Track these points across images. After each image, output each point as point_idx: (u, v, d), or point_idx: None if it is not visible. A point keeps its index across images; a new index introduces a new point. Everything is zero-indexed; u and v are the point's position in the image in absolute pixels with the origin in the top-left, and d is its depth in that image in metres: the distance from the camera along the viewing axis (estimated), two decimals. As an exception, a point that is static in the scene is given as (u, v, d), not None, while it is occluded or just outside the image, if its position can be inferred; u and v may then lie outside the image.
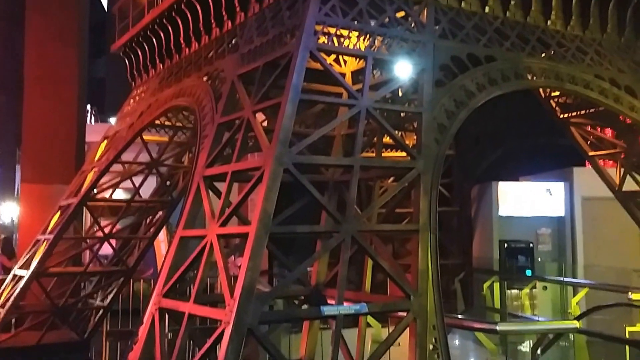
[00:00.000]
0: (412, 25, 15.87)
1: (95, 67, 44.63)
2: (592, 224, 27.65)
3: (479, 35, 16.88)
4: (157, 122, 21.78)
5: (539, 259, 27.67)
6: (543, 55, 17.98)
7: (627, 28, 20.20)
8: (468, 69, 16.14)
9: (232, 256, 24.74)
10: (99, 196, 22.94)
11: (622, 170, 21.95)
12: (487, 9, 17.26)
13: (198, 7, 18.50)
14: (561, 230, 28.19)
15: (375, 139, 19.10)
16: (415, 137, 15.56)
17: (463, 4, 16.89)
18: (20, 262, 21.54)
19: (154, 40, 21.60)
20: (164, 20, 20.43)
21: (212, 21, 18.29)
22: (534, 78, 17.55)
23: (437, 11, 16.46)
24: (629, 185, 21.95)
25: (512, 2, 17.64)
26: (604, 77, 18.68)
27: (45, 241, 20.73)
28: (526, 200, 27.62)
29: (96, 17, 41.30)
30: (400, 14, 16.08)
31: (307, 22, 13.90)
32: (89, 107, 36.18)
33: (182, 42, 20.06)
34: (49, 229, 21.29)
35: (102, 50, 43.26)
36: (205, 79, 17.52)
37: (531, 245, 27.15)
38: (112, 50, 24.64)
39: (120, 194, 26.53)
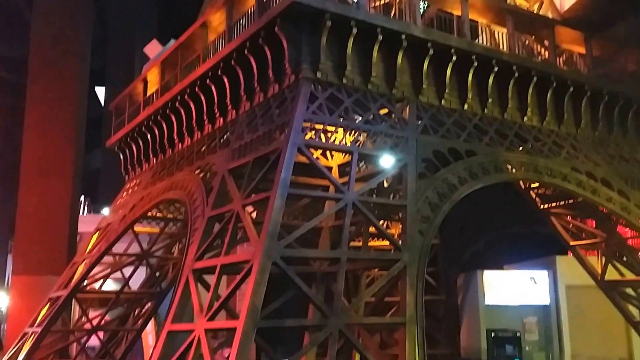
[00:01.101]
0: (396, 121, 16.74)
1: (90, 159, 45.55)
2: (578, 312, 27.77)
3: (459, 131, 17.75)
4: (149, 214, 22.19)
5: (527, 348, 27.60)
6: (521, 149, 18.81)
7: (600, 123, 21.25)
8: (450, 162, 16.88)
9: (221, 349, 24.52)
10: (89, 287, 23.01)
11: (604, 259, 22.41)
12: (466, 106, 18.22)
13: (192, 105, 19.36)
14: (547, 319, 28.25)
15: (362, 229, 19.57)
16: (401, 226, 16.15)
17: (443, 102, 17.86)
18: (7, 356, 21.31)
19: (148, 135, 22.39)
20: (159, 117, 21.28)
21: (205, 118, 19.10)
22: (514, 171, 18.31)
23: (419, 108, 17.40)
24: (611, 274, 22.38)
25: (490, 100, 18.63)
26: (581, 169, 19.48)
27: (33, 334, 20.63)
28: (511, 289, 27.80)
29: (94, 110, 42.51)
30: (384, 111, 17.01)
31: (296, 120, 14.68)
32: (82, 198, 36.72)
33: (175, 137, 20.82)
34: (38, 321, 21.24)
35: (98, 142, 44.30)
36: (197, 172, 18.12)
37: (518, 334, 27.19)
38: (107, 145, 25.40)
39: (110, 284, 26.54)
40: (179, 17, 50.24)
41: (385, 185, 20.75)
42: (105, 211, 29.97)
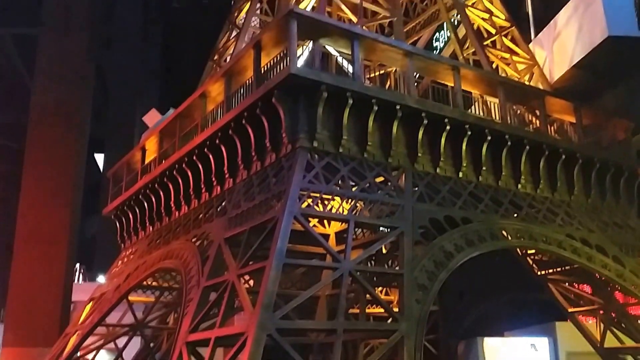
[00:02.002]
0: (392, 189, 16.89)
1: (87, 226, 45.47)
2: (579, 379, 27.32)
3: (455, 199, 17.88)
4: (145, 282, 22.02)
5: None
6: (516, 216, 18.92)
7: (593, 190, 21.47)
8: (446, 230, 16.93)
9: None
10: (82, 359, 22.55)
11: (602, 326, 22.21)
12: (461, 174, 18.44)
13: (189, 173, 19.55)
14: (549, 386, 27.76)
15: (360, 297, 19.43)
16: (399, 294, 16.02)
17: (438, 170, 18.08)
18: None
19: (145, 203, 22.48)
20: (156, 185, 21.44)
21: (202, 186, 19.25)
22: (510, 238, 18.33)
23: (415, 176, 17.59)
24: (611, 340, 22.12)
25: (484, 168, 18.87)
26: (576, 236, 19.55)
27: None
28: (513, 356, 27.40)
29: (92, 177, 42.71)
30: (380, 179, 17.19)
31: (292, 189, 14.80)
32: (78, 265, 36.47)
33: (172, 205, 20.92)
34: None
35: (96, 208, 44.31)
36: (193, 240, 18.11)
37: (522, 401, 26.65)
38: (104, 213, 25.45)
39: (103, 355, 26.04)
40: (179, 85, 51.36)
41: (384, 251, 20.74)
42: (101, 279, 29.77)
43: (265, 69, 16.80)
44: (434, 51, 32.75)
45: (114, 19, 49.98)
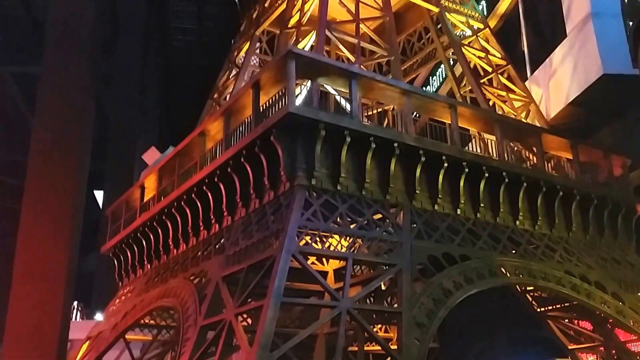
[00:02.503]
0: (390, 226, 16.93)
1: (85, 262, 45.28)
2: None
3: (453, 235, 17.88)
4: (142, 320, 21.86)
5: None
6: (514, 252, 18.89)
7: (591, 226, 21.49)
8: (444, 267, 16.91)
9: None
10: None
11: (603, 363, 22.01)
12: (459, 211, 18.48)
13: (188, 211, 19.59)
14: None
15: (359, 334, 19.31)
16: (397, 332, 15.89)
17: (436, 207, 18.13)
18: None
19: (144, 241, 22.47)
20: (155, 223, 21.46)
21: (201, 224, 19.27)
22: (508, 275, 18.30)
23: (413, 213, 17.63)
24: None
25: (482, 205, 18.93)
26: (574, 273, 19.49)
27: None
28: (514, 396, 27.10)
29: (92, 213, 42.64)
30: (378, 216, 17.24)
31: (290, 227, 14.82)
32: (75, 303, 36.19)
33: (170, 243, 20.92)
34: None
35: (94, 245, 44.14)
36: (191, 278, 18.06)
37: None
38: (102, 251, 25.43)
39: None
40: (179, 122, 51.79)
41: (383, 287, 20.64)
42: (99, 316, 29.49)
43: (264, 107, 16.99)
44: (431, 88, 33.16)
45: (114, 56, 50.56)
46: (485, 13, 30.07)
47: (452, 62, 26.25)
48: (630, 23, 22.93)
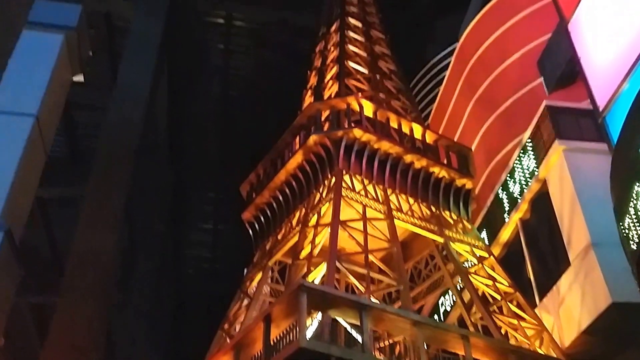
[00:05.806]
0: None
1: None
2: None
3: None
4: None
5: None
6: None
7: None
8: None
9: None
10: None
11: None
12: None
13: None
14: None
15: None
16: None
17: None
18: None
19: None
20: None
21: None
22: None
23: None
24: None
25: None
26: None
27: None
28: None
29: None
30: None
31: None
32: None
33: None
34: None
35: None
36: None
37: None
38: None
39: None
40: (187, 350, 50.87)
41: None
42: None
43: (275, 341, 17.00)
44: (440, 315, 33.05)
45: (129, 289, 51.45)
46: (487, 242, 31.06)
47: (460, 288, 26.52)
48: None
